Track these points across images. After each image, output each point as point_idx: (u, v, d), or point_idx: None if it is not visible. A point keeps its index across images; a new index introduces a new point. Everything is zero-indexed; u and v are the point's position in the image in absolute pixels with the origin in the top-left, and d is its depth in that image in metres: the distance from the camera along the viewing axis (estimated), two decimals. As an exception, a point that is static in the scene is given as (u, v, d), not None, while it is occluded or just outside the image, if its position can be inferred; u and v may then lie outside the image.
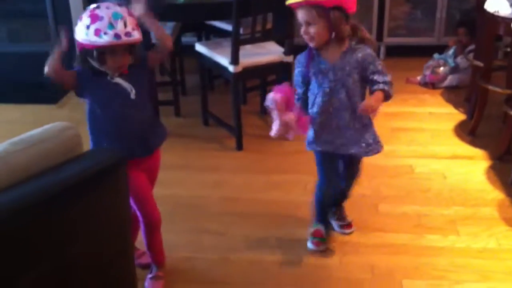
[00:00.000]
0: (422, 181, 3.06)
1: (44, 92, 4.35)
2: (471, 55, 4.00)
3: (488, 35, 3.38)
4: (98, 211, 1.69)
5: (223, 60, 3.34)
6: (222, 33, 3.86)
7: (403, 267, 2.42)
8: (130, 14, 2.01)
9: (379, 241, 2.58)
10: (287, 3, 2.14)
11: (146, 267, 2.44)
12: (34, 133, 1.62)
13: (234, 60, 3.25)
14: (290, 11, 2.20)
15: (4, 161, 1.52)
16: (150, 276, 2.37)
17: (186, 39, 4.40)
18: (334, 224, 2.65)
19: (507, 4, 3.06)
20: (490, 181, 3.03)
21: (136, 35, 1.99)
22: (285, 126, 2.15)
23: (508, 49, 3.84)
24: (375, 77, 2.18)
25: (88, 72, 2.04)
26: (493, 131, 3.49)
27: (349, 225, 2.64)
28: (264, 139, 3.58)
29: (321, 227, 2.55)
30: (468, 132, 3.52)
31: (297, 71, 2.31)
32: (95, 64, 2.03)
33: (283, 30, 3.37)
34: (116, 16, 1.96)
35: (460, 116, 3.78)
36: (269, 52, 3.45)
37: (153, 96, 3.39)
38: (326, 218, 2.59)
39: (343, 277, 2.39)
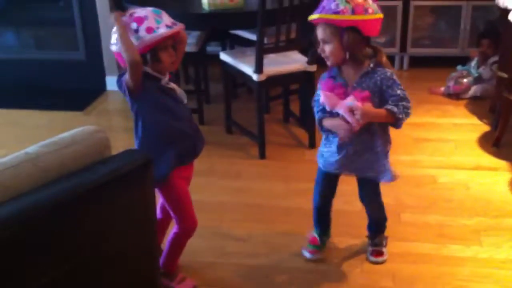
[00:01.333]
0: (445, 191, 3.05)
1: (70, 99, 4.43)
2: (495, 66, 3.99)
3: (513, 46, 3.37)
4: (125, 211, 1.73)
5: (247, 68, 3.37)
6: (246, 43, 3.90)
7: (425, 276, 2.42)
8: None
9: (401, 250, 2.58)
10: (308, 18, 2.15)
11: None
12: (65, 136, 1.66)
13: (258, 69, 3.29)
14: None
15: (35, 163, 1.56)
16: (175, 283, 2.35)
17: (210, 48, 4.46)
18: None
19: (532, 15, 3.05)
20: (514, 192, 3.02)
21: (178, 23, 2.05)
22: (352, 111, 2.09)
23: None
24: (391, 101, 2.13)
25: (144, 77, 2.03)
26: (518, 142, 3.48)
27: (377, 253, 2.53)
28: (287, 147, 3.61)
29: (316, 235, 2.57)
30: (492, 143, 3.50)
31: (318, 95, 2.25)
32: (148, 69, 2.03)
33: (307, 39, 3.40)
34: (156, 11, 2.02)
35: (484, 127, 3.77)
36: (293, 61, 3.47)
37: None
38: (320, 224, 2.56)
39: (365, 285, 2.40)
